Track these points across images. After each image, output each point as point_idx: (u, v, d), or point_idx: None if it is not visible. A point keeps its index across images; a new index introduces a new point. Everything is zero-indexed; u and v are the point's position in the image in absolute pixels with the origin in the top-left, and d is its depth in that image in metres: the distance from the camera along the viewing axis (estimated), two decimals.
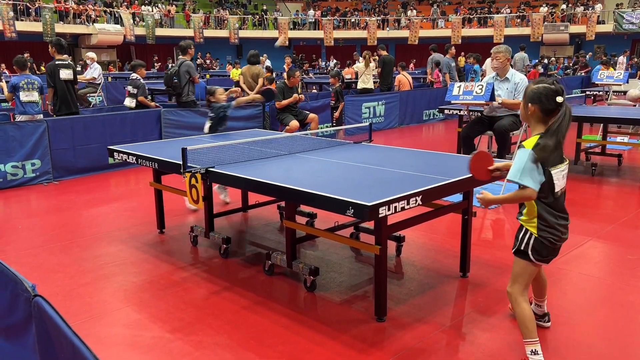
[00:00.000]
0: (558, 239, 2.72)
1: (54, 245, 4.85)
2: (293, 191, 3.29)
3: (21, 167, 7.04)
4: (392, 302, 3.57)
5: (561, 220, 2.72)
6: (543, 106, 2.63)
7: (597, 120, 7.54)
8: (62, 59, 7.85)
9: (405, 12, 32.90)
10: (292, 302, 3.67)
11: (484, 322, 3.31)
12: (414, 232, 4.84)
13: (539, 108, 2.64)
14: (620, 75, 10.04)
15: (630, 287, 3.81)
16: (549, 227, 2.69)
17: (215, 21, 30.17)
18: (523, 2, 32.67)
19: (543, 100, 2.62)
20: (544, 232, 2.69)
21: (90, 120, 7.72)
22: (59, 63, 7.77)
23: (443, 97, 9.40)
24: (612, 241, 4.73)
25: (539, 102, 2.63)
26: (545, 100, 2.61)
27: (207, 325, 3.33)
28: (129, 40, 26.02)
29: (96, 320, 3.42)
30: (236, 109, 9.44)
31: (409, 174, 3.67)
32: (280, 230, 5.16)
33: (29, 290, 1.68)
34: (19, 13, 23.33)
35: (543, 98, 2.62)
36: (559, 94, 2.61)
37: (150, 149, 4.86)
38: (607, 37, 28.35)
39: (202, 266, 4.32)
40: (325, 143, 5.07)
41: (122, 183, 7.38)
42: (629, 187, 6.62)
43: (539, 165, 2.59)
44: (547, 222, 2.68)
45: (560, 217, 2.72)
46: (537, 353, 2.72)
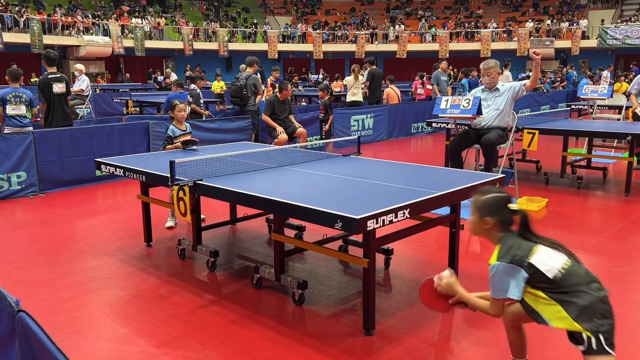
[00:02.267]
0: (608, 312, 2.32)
1: (39, 258, 4.78)
2: (281, 204, 3.28)
3: (6, 179, 6.97)
4: (381, 316, 3.57)
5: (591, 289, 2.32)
6: (501, 217, 2.46)
7: (582, 134, 7.65)
8: (54, 72, 7.79)
9: (393, 26, 33.24)
10: (280, 315, 3.65)
11: (472, 334, 3.32)
12: (402, 245, 4.85)
13: (498, 220, 2.46)
14: (605, 89, 10.20)
15: (617, 299, 3.82)
16: (586, 311, 2.28)
17: (205, 34, 30.24)
18: (509, 17, 33.20)
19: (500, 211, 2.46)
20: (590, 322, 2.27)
21: (78, 132, 7.67)
22: (52, 77, 7.70)
23: (431, 110, 9.49)
24: (598, 254, 4.77)
25: (496, 214, 2.46)
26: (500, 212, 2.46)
27: (194, 339, 3.30)
28: (117, 52, 25.97)
29: (81, 335, 3.38)
30: (225, 122, 9.46)
31: (397, 187, 3.68)
32: (269, 243, 5.15)
33: (12, 305, 1.66)
34: (6, 24, 23.23)
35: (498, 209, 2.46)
36: (510, 200, 2.48)
37: (137, 161, 4.84)
38: (591, 52, 28.85)
39: (189, 279, 4.29)
40: (314, 156, 5.08)
41: (109, 196, 7.32)
42: (614, 200, 6.69)
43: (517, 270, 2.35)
44: (578, 308, 2.28)
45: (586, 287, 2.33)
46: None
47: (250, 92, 9.62)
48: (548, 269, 2.34)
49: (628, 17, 29.80)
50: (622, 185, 7.16)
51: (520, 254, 2.37)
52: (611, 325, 2.31)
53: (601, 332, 2.28)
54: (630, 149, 6.91)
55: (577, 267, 2.40)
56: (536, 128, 6.98)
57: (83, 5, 28.58)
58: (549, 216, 5.98)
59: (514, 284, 2.35)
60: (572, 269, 2.37)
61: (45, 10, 26.06)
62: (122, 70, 28.79)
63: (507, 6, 35.41)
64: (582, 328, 2.28)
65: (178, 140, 5.57)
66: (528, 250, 2.38)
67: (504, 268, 2.36)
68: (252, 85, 9.61)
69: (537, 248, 2.40)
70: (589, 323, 2.28)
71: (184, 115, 5.69)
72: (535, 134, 6.84)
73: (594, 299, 2.31)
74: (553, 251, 2.41)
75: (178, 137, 5.60)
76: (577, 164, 8.18)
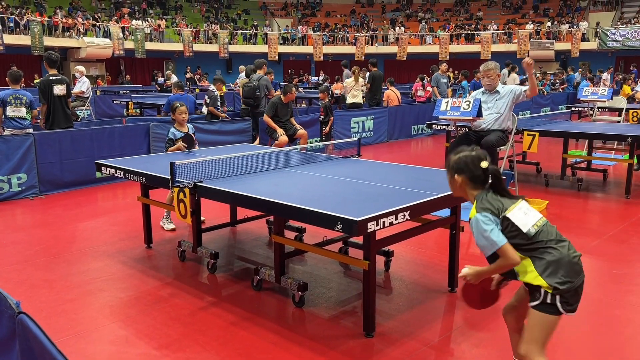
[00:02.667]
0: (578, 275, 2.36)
1: (39, 260, 4.79)
2: (282, 206, 3.29)
3: (7, 181, 6.97)
4: (381, 318, 3.57)
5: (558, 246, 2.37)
6: (470, 174, 2.49)
7: (582, 136, 7.65)
8: (55, 74, 7.83)
9: (393, 28, 33.28)
10: (280, 317, 3.65)
11: (472, 337, 3.31)
12: (402, 247, 4.85)
13: (466, 177, 2.50)
14: (605, 91, 10.20)
15: (616, 301, 3.84)
16: (551, 266, 2.34)
17: (205, 35, 30.28)
18: (509, 19, 33.22)
19: (469, 168, 2.49)
20: (554, 277, 2.32)
21: (78, 134, 7.68)
22: (52, 79, 7.75)
23: (431, 112, 9.49)
24: (598, 256, 4.77)
25: (466, 172, 2.50)
26: (468, 169, 2.48)
27: (194, 341, 3.30)
28: (117, 54, 25.99)
29: (81, 337, 3.38)
30: (225, 124, 9.47)
31: (397, 189, 3.69)
32: (269, 245, 5.15)
33: (13, 307, 1.66)
34: (6, 26, 23.26)
35: (465, 166, 2.49)
36: (482, 159, 2.48)
37: (138, 163, 4.84)
38: (591, 54, 28.86)
39: (189, 281, 4.29)
40: (314, 158, 5.08)
41: (109, 197, 7.33)
42: (615, 202, 6.70)
43: (495, 222, 2.39)
44: (546, 263, 2.35)
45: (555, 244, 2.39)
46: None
47: (263, 93, 9.85)
48: (523, 223, 2.39)
49: (628, 19, 29.82)
50: (623, 187, 7.16)
51: (495, 207, 2.41)
52: (574, 287, 2.34)
53: (560, 291, 2.31)
54: (631, 151, 6.91)
55: (550, 226, 2.46)
56: (536, 130, 6.98)
57: (84, 7, 28.61)
58: (549, 218, 5.96)
59: (495, 232, 2.37)
60: (545, 226, 2.43)
61: (46, 12, 26.09)
62: (122, 72, 28.80)
63: (507, 8, 35.44)
64: (544, 282, 2.33)
65: (177, 142, 5.58)
66: (503, 205, 2.43)
67: (481, 219, 2.39)
68: (264, 87, 9.87)
69: (513, 204, 2.44)
70: (551, 278, 2.32)
71: (185, 117, 5.68)
72: (536, 136, 6.84)
73: (563, 256, 2.35)
74: (528, 208, 2.45)
75: (179, 140, 5.60)
76: (577, 166, 8.18)
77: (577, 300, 2.37)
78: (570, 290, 2.32)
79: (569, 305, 2.34)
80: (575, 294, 2.36)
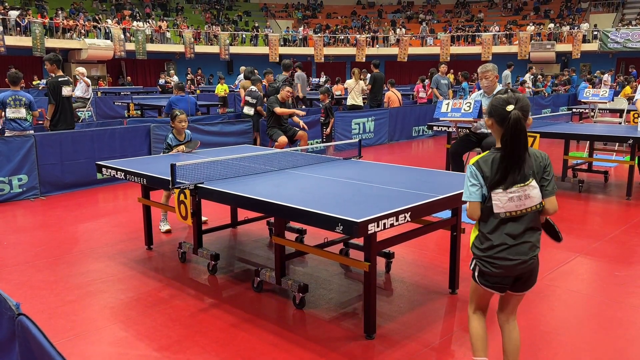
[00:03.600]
0: (496, 267, 2.47)
1: (39, 261, 4.78)
2: (282, 207, 3.28)
3: (7, 182, 6.97)
4: (382, 319, 3.56)
5: (500, 249, 2.45)
6: (497, 116, 2.46)
7: (583, 137, 7.64)
8: (62, 75, 7.88)
9: (394, 29, 33.29)
10: (281, 319, 3.64)
11: None
12: (403, 248, 4.84)
13: (494, 120, 2.48)
14: (606, 93, 10.20)
15: (618, 303, 3.83)
16: (481, 251, 2.49)
17: (206, 37, 30.30)
18: (510, 20, 33.22)
19: (495, 110, 2.47)
20: (478, 257, 2.52)
21: (79, 136, 7.68)
22: (61, 80, 7.80)
23: (432, 113, 9.49)
24: (599, 257, 4.76)
25: (493, 114, 2.48)
26: (497, 111, 2.45)
27: (194, 343, 3.30)
28: (118, 55, 26.02)
29: (81, 338, 3.37)
30: (226, 125, 9.47)
31: (398, 190, 3.68)
32: (270, 246, 5.14)
33: (13, 308, 1.66)
34: (8, 27, 23.28)
35: (495, 109, 2.47)
36: (509, 102, 2.42)
37: (138, 164, 4.84)
38: (592, 56, 28.85)
39: (190, 283, 4.28)
40: (315, 159, 5.08)
41: (110, 199, 7.33)
42: (616, 203, 6.69)
43: (478, 180, 2.46)
44: (482, 246, 2.49)
45: (501, 245, 2.45)
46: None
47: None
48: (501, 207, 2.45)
49: (629, 21, 29.82)
50: (624, 188, 7.15)
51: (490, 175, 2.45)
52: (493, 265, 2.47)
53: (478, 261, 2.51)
54: (632, 152, 6.90)
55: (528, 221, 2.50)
56: (537, 131, 6.97)
57: (85, 9, 28.64)
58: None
59: (468, 187, 2.50)
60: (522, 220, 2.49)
61: (47, 13, 26.12)
62: (122, 73, 28.82)
63: (508, 10, 35.45)
64: (471, 249, 2.54)
65: (176, 149, 5.56)
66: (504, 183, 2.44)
67: (468, 171, 2.52)
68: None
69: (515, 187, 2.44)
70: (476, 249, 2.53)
71: (184, 125, 5.62)
72: (537, 137, 6.83)
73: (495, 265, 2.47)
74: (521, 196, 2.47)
75: (176, 147, 5.59)
76: (579, 167, 8.18)
77: (497, 281, 2.52)
78: (486, 263, 2.48)
79: (483, 279, 2.53)
80: (496, 276, 2.50)
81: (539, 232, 2.54)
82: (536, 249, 2.51)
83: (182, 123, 5.58)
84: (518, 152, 2.40)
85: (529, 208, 2.45)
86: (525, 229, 2.48)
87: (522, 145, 2.40)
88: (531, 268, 2.51)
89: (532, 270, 2.53)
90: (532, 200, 2.45)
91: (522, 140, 2.39)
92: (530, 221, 2.48)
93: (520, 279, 2.54)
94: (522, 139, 2.39)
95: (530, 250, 2.48)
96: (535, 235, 2.51)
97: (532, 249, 2.49)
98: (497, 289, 2.56)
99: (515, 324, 2.68)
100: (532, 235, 2.50)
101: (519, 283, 2.55)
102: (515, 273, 2.50)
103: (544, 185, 2.48)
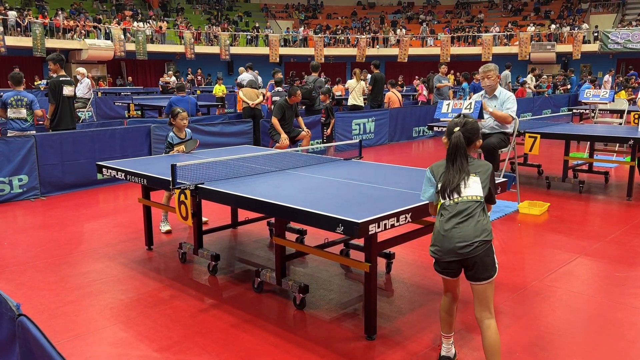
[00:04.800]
0: (437, 252, 2.76)
1: (40, 262, 4.78)
2: (283, 208, 3.28)
3: (8, 182, 6.97)
4: (382, 320, 3.56)
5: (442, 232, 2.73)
6: (447, 134, 2.86)
7: (584, 138, 7.64)
8: (64, 75, 7.89)
9: (394, 30, 33.29)
10: (281, 320, 3.64)
11: (473, 340, 3.30)
12: (404, 249, 4.84)
13: (446, 136, 2.88)
14: (606, 94, 10.19)
15: (618, 304, 3.82)
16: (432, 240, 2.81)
17: (207, 37, 30.31)
18: (511, 21, 33.23)
19: (447, 130, 2.86)
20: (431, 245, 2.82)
21: (79, 136, 7.68)
22: (63, 79, 7.80)
23: (432, 114, 9.48)
24: (600, 258, 4.75)
25: (446, 133, 2.89)
26: (448, 130, 2.85)
27: (194, 343, 3.29)
28: (118, 56, 26.03)
29: (82, 339, 3.37)
30: (226, 125, 9.46)
31: (398, 191, 3.68)
32: (270, 247, 5.14)
33: (13, 309, 1.66)
34: (8, 28, 23.29)
35: (447, 129, 2.87)
36: (457, 125, 2.81)
37: (139, 165, 4.84)
38: (593, 56, 28.84)
39: (190, 283, 4.28)
40: (316, 160, 5.08)
41: (110, 199, 7.33)
42: (616, 204, 6.68)
43: (432, 181, 2.83)
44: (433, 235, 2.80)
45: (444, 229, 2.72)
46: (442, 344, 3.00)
47: (316, 93, 11.12)
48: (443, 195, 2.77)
49: (629, 21, 29.82)
50: (624, 189, 7.15)
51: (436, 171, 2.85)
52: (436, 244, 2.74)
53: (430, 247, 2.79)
54: (632, 153, 6.90)
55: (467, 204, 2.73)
56: (538, 132, 6.97)
57: (85, 9, 28.65)
58: (551, 220, 5.97)
59: (424, 187, 2.90)
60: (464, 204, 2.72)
61: (47, 13, 26.13)
62: (122, 74, 28.83)
63: (509, 10, 35.45)
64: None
65: (176, 149, 5.58)
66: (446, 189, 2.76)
67: (426, 174, 2.90)
68: (319, 87, 11.25)
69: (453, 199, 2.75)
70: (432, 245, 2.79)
71: (185, 123, 5.67)
72: (537, 138, 6.84)
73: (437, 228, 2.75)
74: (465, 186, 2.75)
75: (177, 145, 5.60)
76: (579, 168, 8.17)
77: (445, 267, 2.78)
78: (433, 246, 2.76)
79: (438, 266, 2.83)
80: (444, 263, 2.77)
81: (482, 223, 2.70)
82: (480, 235, 2.66)
83: (183, 121, 5.65)
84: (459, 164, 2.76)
85: (468, 196, 2.71)
86: (461, 213, 2.70)
87: (460, 158, 2.76)
88: (477, 253, 2.66)
89: (481, 257, 2.67)
90: (471, 190, 2.72)
91: (460, 155, 2.76)
92: (469, 209, 2.71)
93: (469, 266, 2.71)
94: (460, 154, 2.77)
95: (473, 235, 2.66)
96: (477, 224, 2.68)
97: (476, 234, 2.66)
98: (447, 274, 2.83)
99: (490, 322, 2.74)
100: (473, 222, 2.69)
101: (472, 271, 2.72)
102: (458, 258, 2.69)
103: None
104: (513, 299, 3.91)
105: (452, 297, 2.95)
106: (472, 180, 2.74)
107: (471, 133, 2.81)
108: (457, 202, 2.71)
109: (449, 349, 2.99)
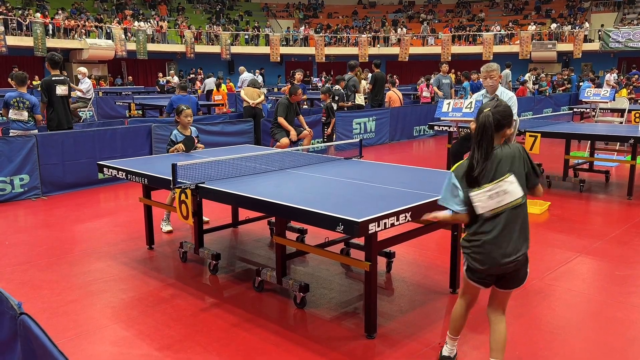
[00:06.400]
0: (480, 263, 2.59)
1: (41, 261, 4.79)
2: (283, 207, 3.29)
3: (9, 182, 6.98)
4: (383, 319, 3.56)
5: (487, 245, 2.56)
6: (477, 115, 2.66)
7: (584, 137, 7.64)
8: (57, 75, 7.86)
9: (395, 29, 33.26)
10: (281, 319, 3.65)
11: (473, 339, 3.31)
12: (404, 248, 4.84)
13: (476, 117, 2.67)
14: (607, 93, 10.19)
15: (619, 303, 3.83)
16: (469, 247, 2.63)
17: (207, 37, 30.30)
18: (512, 20, 33.18)
19: (478, 112, 2.66)
20: (466, 253, 2.65)
21: (80, 135, 7.69)
22: (55, 79, 7.77)
23: (433, 113, 9.48)
24: (600, 257, 4.76)
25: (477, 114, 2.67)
26: (479, 112, 2.65)
27: (195, 342, 3.30)
28: (119, 55, 26.04)
29: (83, 338, 3.38)
30: (227, 125, 9.47)
31: (399, 190, 3.68)
32: (271, 246, 5.15)
33: (14, 308, 1.67)
34: (9, 28, 23.30)
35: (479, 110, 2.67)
36: (487, 107, 2.62)
37: (140, 164, 4.85)
38: (594, 55, 28.80)
39: (191, 282, 4.29)
40: (316, 159, 5.08)
41: (111, 198, 7.34)
42: (617, 203, 6.68)
43: (457, 186, 2.61)
44: (469, 242, 2.63)
45: (489, 242, 2.56)
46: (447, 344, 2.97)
47: (350, 91, 11.72)
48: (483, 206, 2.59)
49: (630, 20, 29.78)
50: (625, 188, 7.14)
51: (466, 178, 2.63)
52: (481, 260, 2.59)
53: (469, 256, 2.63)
54: (633, 152, 6.89)
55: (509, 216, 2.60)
56: (538, 131, 6.97)
57: (86, 9, 28.66)
58: (551, 219, 5.97)
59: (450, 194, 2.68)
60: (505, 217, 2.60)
61: (48, 13, 26.14)
62: (122, 73, 28.83)
63: (510, 9, 35.41)
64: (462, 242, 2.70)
65: (177, 146, 5.57)
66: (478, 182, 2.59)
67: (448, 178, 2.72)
68: (352, 85, 11.76)
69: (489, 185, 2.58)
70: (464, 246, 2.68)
71: (190, 120, 5.66)
72: (537, 137, 6.83)
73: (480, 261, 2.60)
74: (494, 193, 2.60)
75: (180, 142, 5.61)
76: (580, 167, 8.17)
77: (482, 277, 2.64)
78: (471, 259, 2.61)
79: (470, 273, 2.67)
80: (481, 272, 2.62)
81: (525, 231, 2.61)
82: (522, 248, 2.57)
83: (187, 118, 5.63)
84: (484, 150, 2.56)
85: (508, 204, 2.55)
86: (507, 226, 2.56)
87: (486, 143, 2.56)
88: (517, 267, 2.58)
89: (518, 269, 2.60)
90: (511, 195, 2.56)
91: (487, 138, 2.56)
92: (513, 218, 2.57)
93: (504, 277, 2.62)
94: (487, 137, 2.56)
95: (516, 249, 2.55)
96: (520, 233, 2.58)
97: (518, 248, 2.56)
98: (482, 284, 2.69)
99: (502, 318, 2.75)
100: (516, 233, 2.57)
101: (504, 280, 2.64)
102: (499, 271, 2.58)
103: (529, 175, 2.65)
104: (513, 297, 3.90)
105: (471, 302, 2.86)
106: (508, 182, 2.55)
107: (502, 116, 2.58)
108: (499, 212, 2.55)
109: (452, 350, 2.96)
